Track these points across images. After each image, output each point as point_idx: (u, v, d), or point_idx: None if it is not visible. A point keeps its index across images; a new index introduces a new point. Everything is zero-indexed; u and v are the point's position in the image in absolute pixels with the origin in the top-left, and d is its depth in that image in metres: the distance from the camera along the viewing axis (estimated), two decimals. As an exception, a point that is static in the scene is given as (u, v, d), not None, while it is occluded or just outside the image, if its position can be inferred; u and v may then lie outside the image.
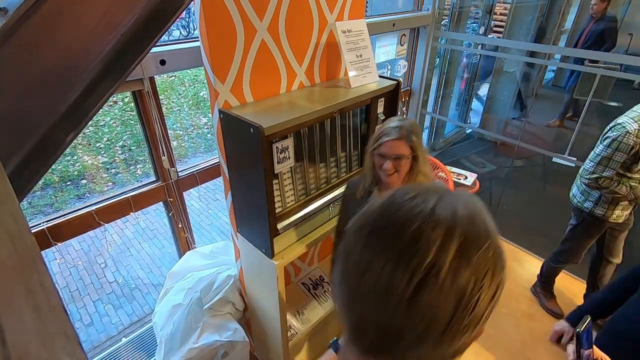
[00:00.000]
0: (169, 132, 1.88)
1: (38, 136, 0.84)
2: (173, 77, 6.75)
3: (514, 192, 3.99)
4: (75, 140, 0.96)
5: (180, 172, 2.01)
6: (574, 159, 2.91)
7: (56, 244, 1.66)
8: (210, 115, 1.50)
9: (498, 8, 4.68)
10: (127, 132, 5.35)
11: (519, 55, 4.17)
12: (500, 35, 4.69)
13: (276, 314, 1.69)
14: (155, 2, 0.91)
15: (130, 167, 4.94)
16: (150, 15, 0.92)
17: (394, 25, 2.83)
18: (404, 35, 3.14)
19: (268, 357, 2.04)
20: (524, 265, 2.82)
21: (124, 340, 2.35)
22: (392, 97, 1.77)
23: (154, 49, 1.61)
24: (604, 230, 2.15)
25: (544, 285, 2.49)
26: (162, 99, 1.82)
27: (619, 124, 1.80)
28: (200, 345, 1.73)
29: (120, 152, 5.09)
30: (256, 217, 1.49)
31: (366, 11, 3.06)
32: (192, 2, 1.16)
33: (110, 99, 1.00)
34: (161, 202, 2.02)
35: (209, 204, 4.51)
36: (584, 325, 1.01)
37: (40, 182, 1.64)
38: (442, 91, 4.18)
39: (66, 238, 1.71)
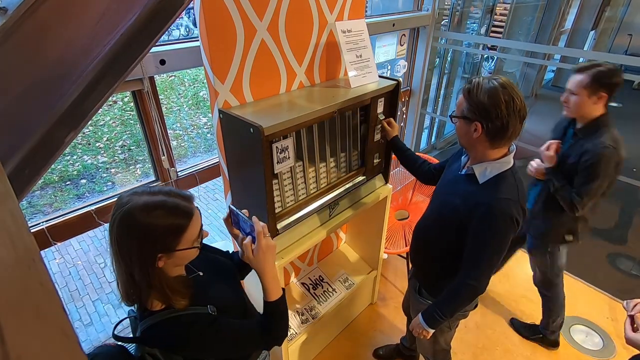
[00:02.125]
0: (168, 131, 1.88)
1: (38, 136, 0.84)
2: (173, 77, 6.75)
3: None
4: (74, 140, 0.96)
5: (179, 172, 2.00)
6: (574, 159, 2.90)
7: (56, 244, 1.66)
8: (210, 115, 1.50)
9: (498, 8, 4.68)
10: (127, 132, 5.34)
11: (519, 55, 4.18)
12: (500, 35, 4.70)
13: (276, 313, 1.69)
14: (155, 1, 0.91)
15: (130, 167, 4.94)
16: (150, 15, 0.91)
17: (393, 25, 2.83)
18: (404, 35, 3.14)
19: (267, 357, 2.04)
20: (522, 266, 2.82)
21: (123, 340, 2.34)
22: (392, 97, 1.77)
23: (154, 49, 1.61)
24: None
25: None
26: (161, 99, 1.82)
27: None
28: (200, 345, 1.72)
29: (119, 151, 5.09)
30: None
31: (366, 11, 3.06)
32: (192, 2, 1.15)
33: (110, 98, 1.00)
34: (161, 202, 2.01)
35: (209, 203, 4.51)
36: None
37: (39, 182, 1.63)
38: (443, 91, 4.18)
39: (66, 238, 1.71)
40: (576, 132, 1.71)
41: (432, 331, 1.41)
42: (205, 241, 1.00)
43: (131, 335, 0.99)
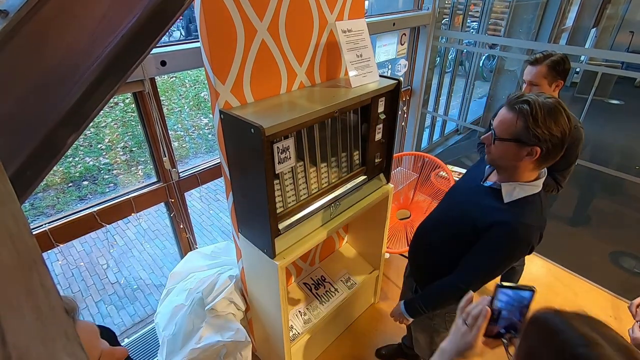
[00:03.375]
0: (170, 133, 1.88)
1: (39, 138, 0.84)
2: (174, 78, 6.76)
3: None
4: (76, 142, 0.96)
5: (181, 172, 2.01)
6: (576, 157, 2.90)
7: (58, 245, 1.66)
8: (211, 115, 1.50)
9: (498, 7, 4.68)
10: (128, 134, 5.36)
11: (519, 54, 4.17)
12: (499, 34, 4.69)
13: (278, 314, 1.69)
14: (155, 2, 0.91)
15: (132, 168, 4.95)
16: (150, 16, 0.92)
17: (394, 24, 2.83)
18: (404, 34, 3.13)
19: (270, 357, 2.04)
20: (525, 266, 2.82)
21: (126, 341, 2.35)
22: (393, 96, 1.77)
23: (155, 50, 1.61)
24: None
25: None
26: (162, 100, 1.82)
27: None
28: (203, 346, 1.73)
29: (121, 153, 5.10)
30: (257, 218, 1.49)
31: (366, 11, 3.06)
32: (193, 3, 1.16)
33: (111, 100, 1.01)
34: (162, 203, 2.02)
35: (210, 204, 4.52)
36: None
37: (42, 184, 1.64)
38: (445, 90, 4.17)
39: (68, 239, 1.71)
40: None
41: (411, 320, 1.43)
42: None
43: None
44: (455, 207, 1.36)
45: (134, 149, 5.17)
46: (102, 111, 0.96)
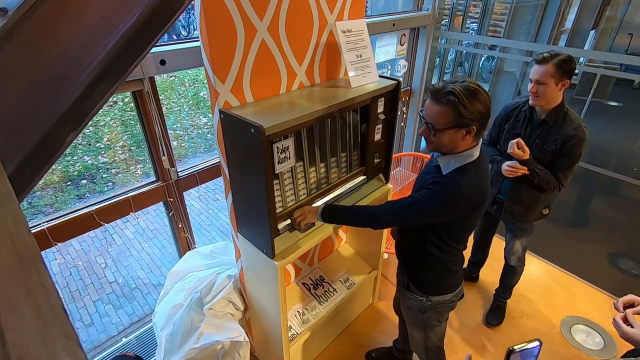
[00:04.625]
0: (169, 132, 1.88)
1: (38, 136, 0.83)
2: (173, 77, 6.75)
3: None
4: (75, 141, 0.96)
5: (180, 172, 2.00)
6: (574, 158, 2.90)
7: (56, 244, 1.66)
8: (210, 115, 1.50)
9: (498, 8, 4.69)
10: (127, 132, 5.35)
11: (519, 55, 4.18)
12: (499, 35, 4.70)
13: (276, 314, 1.69)
14: (155, 2, 0.91)
15: (131, 167, 4.94)
16: (150, 15, 0.91)
17: (393, 25, 2.83)
18: (404, 35, 3.14)
19: (268, 357, 2.04)
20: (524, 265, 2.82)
21: (124, 340, 2.35)
22: (392, 96, 1.77)
23: (154, 49, 1.61)
24: None
25: None
26: (162, 99, 1.82)
27: None
28: (201, 346, 1.73)
29: (120, 152, 5.09)
30: (256, 217, 1.49)
31: (366, 11, 3.06)
32: (192, 2, 1.15)
33: (110, 99, 1.00)
34: (161, 202, 2.02)
35: (209, 204, 4.51)
36: None
37: (40, 182, 1.63)
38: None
39: (66, 238, 1.71)
40: (545, 120, 1.81)
41: (319, 221, 1.50)
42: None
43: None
44: (414, 189, 1.47)
45: (132, 148, 5.16)
46: (101, 110, 0.96)
